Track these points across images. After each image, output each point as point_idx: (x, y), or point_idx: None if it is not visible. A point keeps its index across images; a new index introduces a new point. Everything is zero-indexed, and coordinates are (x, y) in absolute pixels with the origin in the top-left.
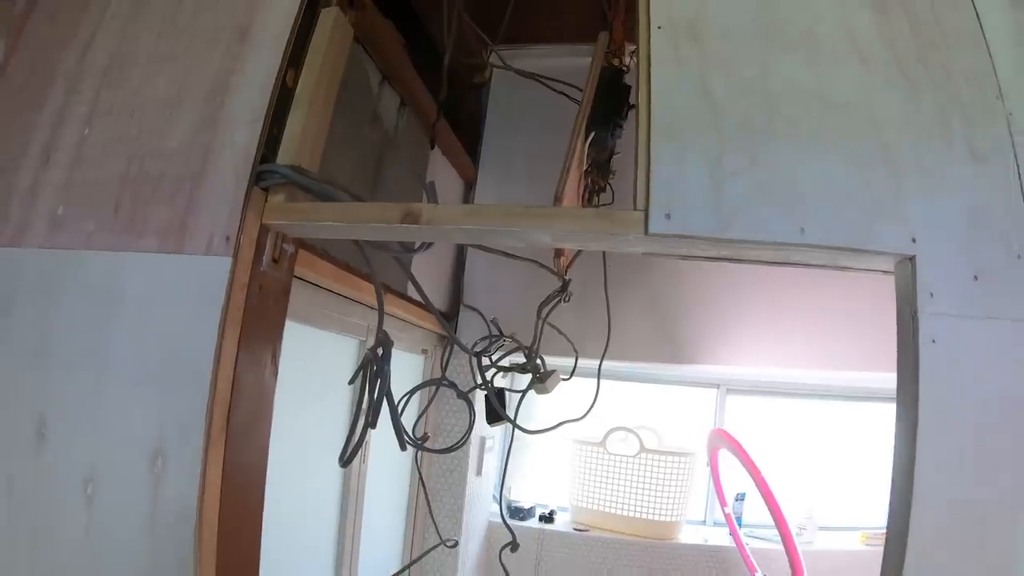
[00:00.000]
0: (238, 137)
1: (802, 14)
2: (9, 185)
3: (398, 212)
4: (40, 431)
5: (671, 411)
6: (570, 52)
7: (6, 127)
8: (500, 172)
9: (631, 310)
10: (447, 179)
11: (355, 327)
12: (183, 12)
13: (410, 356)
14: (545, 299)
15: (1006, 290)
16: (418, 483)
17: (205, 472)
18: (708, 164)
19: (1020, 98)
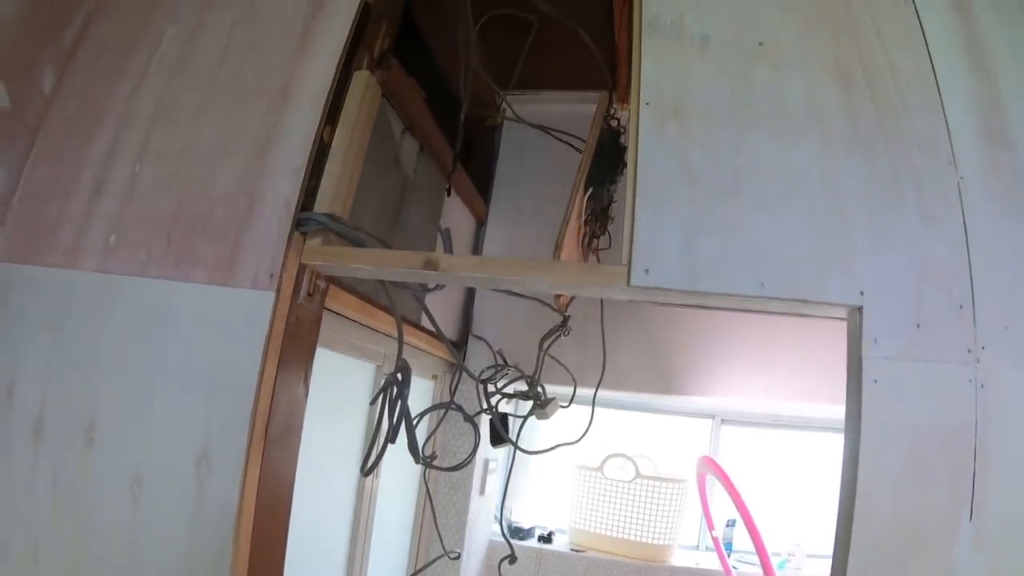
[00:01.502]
0: (281, 187)
1: (774, 90)
2: (61, 210)
3: (420, 260)
4: (89, 434)
5: (668, 440)
6: (578, 99)
7: (56, 154)
8: (510, 211)
9: (626, 343)
10: (460, 217)
11: (373, 353)
12: (227, 68)
13: (421, 381)
14: (547, 333)
15: (946, 336)
16: (425, 498)
17: (245, 475)
18: (682, 226)
19: (972, 163)
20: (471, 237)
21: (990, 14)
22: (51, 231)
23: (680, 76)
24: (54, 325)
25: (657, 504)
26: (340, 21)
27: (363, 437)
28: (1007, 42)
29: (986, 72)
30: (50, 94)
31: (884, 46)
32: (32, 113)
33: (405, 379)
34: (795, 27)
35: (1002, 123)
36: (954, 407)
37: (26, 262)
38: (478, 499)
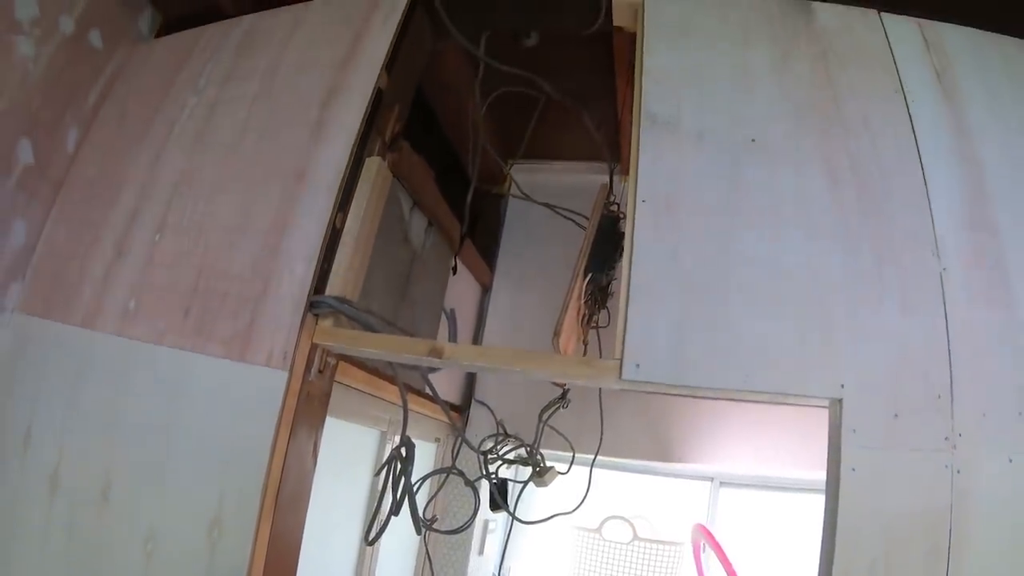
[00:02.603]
0: (296, 270)
1: (764, 187)
2: (82, 270)
3: (426, 348)
4: (104, 491)
5: (666, 501)
6: (585, 169)
7: (78, 215)
8: (515, 279)
9: (624, 412)
10: (465, 284)
11: (378, 420)
12: (245, 146)
13: (424, 444)
14: (546, 405)
15: (924, 425)
16: (425, 558)
17: (256, 540)
18: (672, 323)
19: (956, 253)
20: (476, 304)
21: (981, 101)
22: (73, 290)
23: (675, 173)
24: (73, 382)
25: (655, 566)
26: (354, 106)
27: (367, 500)
28: (997, 129)
29: (973, 160)
30: (73, 153)
31: (872, 137)
32: (55, 170)
33: (409, 455)
34: (786, 121)
35: (987, 212)
36: (930, 493)
37: (47, 317)
38: (477, 559)
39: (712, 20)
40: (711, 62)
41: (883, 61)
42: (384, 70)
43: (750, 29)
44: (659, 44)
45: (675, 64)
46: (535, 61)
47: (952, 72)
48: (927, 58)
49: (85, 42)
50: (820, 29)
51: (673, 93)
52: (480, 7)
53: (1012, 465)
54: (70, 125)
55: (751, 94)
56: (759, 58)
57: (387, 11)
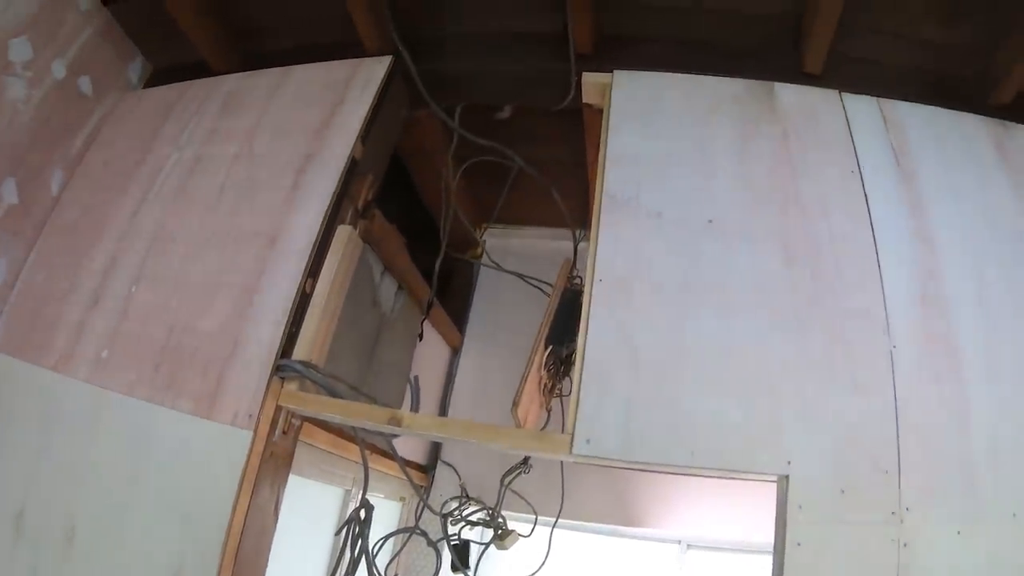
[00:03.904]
0: (263, 334)
1: (719, 268)
2: (58, 315)
3: (385, 416)
4: (69, 536)
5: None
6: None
7: (58, 259)
8: (484, 342)
9: (586, 476)
10: (434, 347)
11: (342, 479)
12: (223, 206)
13: (389, 503)
14: (508, 470)
15: (871, 500)
16: None
17: None
18: (623, 401)
19: (906, 331)
20: (445, 367)
21: (937, 178)
22: (48, 333)
23: (633, 252)
24: (43, 425)
25: None
26: (328, 174)
27: (329, 558)
28: (952, 208)
29: (927, 239)
30: (57, 196)
31: (828, 216)
32: (39, 211)
33: (367, 518)
34: (744, 203)
35: (938, 290)
36: (875, 566)
37: (20, 356)
38: None
39: (677, 101)
40: (673, 143)
41: (842, 141)
42: (359, 140)
43: (713, 110)
44: (623, 125)
45: (638, 145)
46: (509, 131)
47: (910, 150)
48: (886, 136)
49: (75, 88)
50: (782, 109)
51: (634, 174)
52: (456, 80)
53: (960, 538)
54: (55, 168)
55: (711, 175)
56: (721, 139)
57: (365, 80)
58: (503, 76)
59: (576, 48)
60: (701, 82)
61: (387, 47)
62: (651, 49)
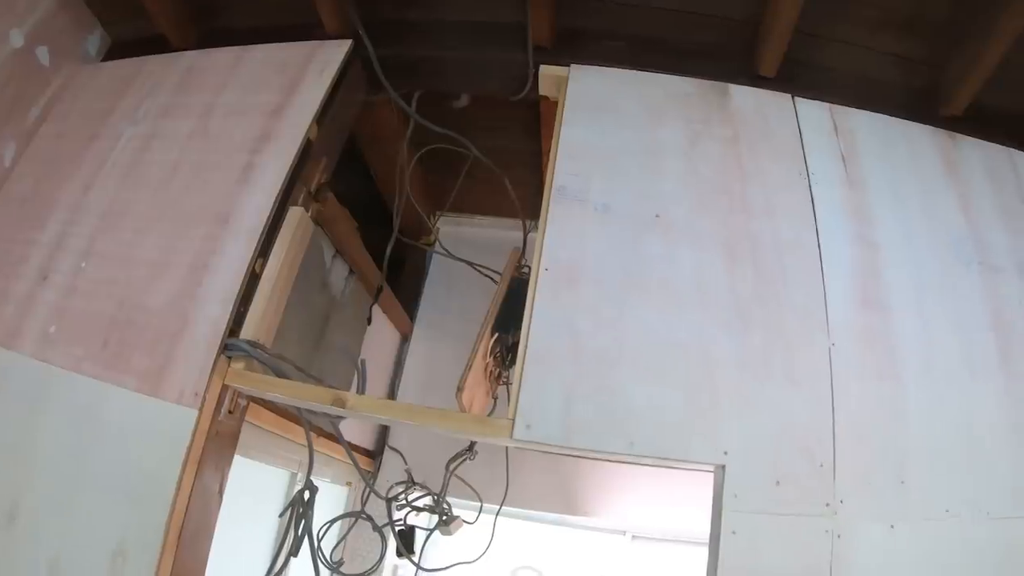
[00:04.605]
0: (212, 312)
1: (663, 263)
2: (5, 289)
3: (330, 397)
4: (11, 514)
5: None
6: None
7: (9, 231)
8: (434, 330)
9: (531, 464)
10: (384, 333)
11: (288, 461)
12: (175, 183)
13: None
14: (454, 456)
15: (806, 492)
16: None
17: (158, 573)
18: (564, 389)
19: (846, 330)
20: (395, 353)
21: (883, 185)
22: None
23: (579, 244)
24: None
25: None
26: (282, 155)
27: (275, 540)
28: (896, 213)
29: (870, 242)
30: (9, 167)
31: (773, 218)
32: None
33: (310, 500)
34: (691, 200)
35: (879, 292)
36: (809, 557)
37: None
38: None
39: (631, 98)
40: (625, 139)
41: (791, 144)
42: (315, 122)
43: (666, 108)
44: (577, 118)
45: (589, 139)
46: (465, 121)
47: (858, 157)
48: (835, 142)
49: (33, 58)
50: (734, 110)
51: (585, 166)
52: (414, 67)
53: (894, 531)
54: (9, 139)
55: (660, 172)
56: (672, 137)
57: (324, 63)
58: (462, 65)
59: (534, 40)
60: (656, 80)
61: (347, 30)
62: (609, 45)
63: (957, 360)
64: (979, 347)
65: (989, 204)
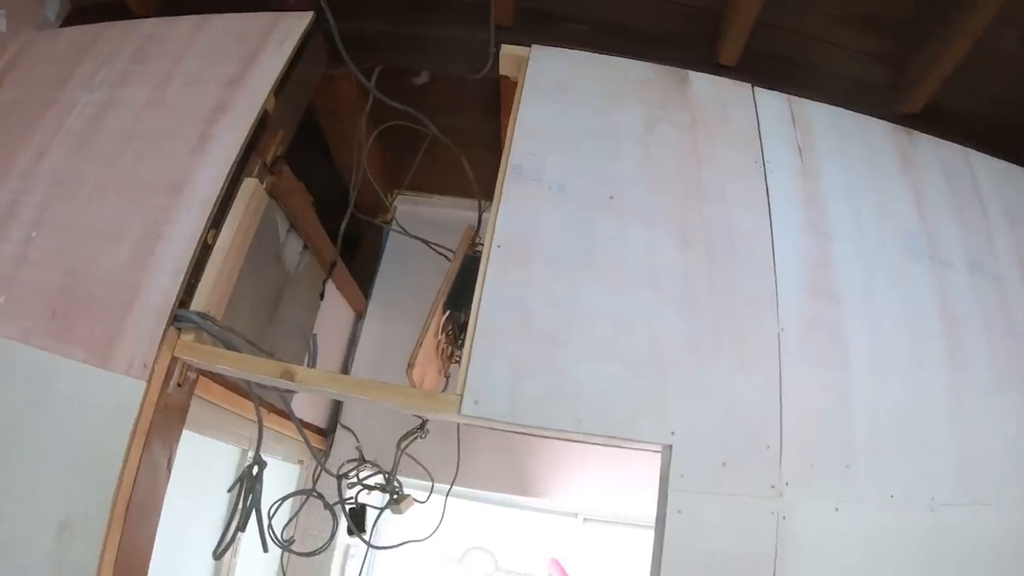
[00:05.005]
0: (163, 282)
1: (616, 244)
2: None
3: (278, 370)
4: None
5: (531, 535)
6: (467, 206)
7: None
8: (389, 308)
9: (483, 444)
10: (338, 310)
11: (240, 438)
12: (130, 152)
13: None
14: (405, 433)
15: (752, 474)
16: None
17: (105, 547)
18: (512, 365)
19: (795, 317)
20: (349, 331)
21: (837, 176)
22: None
23: (533, 221)
24: None
25: None
26: (238, 127)
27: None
28: (849, 205)
29: (823, 232)
30: None
31: (727, 204)
32: None
33: (259, 475)
34: (646, 183)
35: (830, 281)
36: (754, 537)
37: None
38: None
39: (590, 80)
40: (582, 120)
41: (749, 133)
42: (273, 93)
43: (625, 92)
44: (535, 98)
45: (547, 119)
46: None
47: (815, 148)
48: (793, 133)
49: None
50: (694, 97)
51: (542, 146)
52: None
53: (838, 514)
54: None
55: (616, 154)
56: (630, 121)
57: (284, 34)
58: (423, 41)
59: (496, 20)
60: (617, 64)
61: (308, 2)
62: (572, 27)
63: (905, 351)
64: (927, 339)
65: (943, 201)
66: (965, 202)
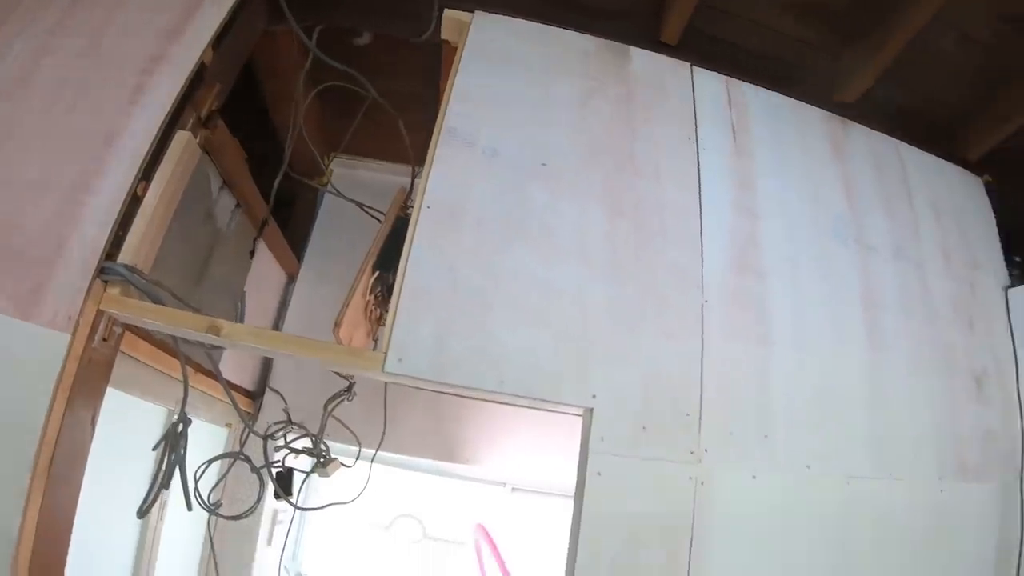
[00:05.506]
0: (90, 233)
1: (546, 211)
2: None
3: (204, 324)
4: None
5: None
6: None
7: None
8: (321, 271)
9: (410, 410)
10: (270, 272)
11: (166, 398)
12: (62, 102)
13: (215, 428)
14: (332, 396)
15: (671, 439)
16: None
17: (27, 506)
18: (437, 324)
19: (720, 290)
20: (280, 293)
21: (769, 159)
22: None
23: (464, 184)
24: None
25: (443, 565)
26: (174, 78)
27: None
28: (779, 187)
29: (752, 212)
30: None
31: (658, 179)
32: None
33: (183, 431)
34: (579, 153)
35: (756, 258)
36: (673, 501)
37: None
38: (264, 549)
39: (530, 49)
40: (520, 88)
41: (685, 111)
42: (211, 46)
43: (565, 63)
44: (474, 63)
45: (485, 84)
46: (367, 61)
47: (749, 130)
48: (727, 113)
49: None
50: (632, 73)
51: (477, 111)
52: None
53: (755, 482)
54: None
55: (552, 123)
56: (567, 91)
57: None
58: (366, 1)
59: None
60: (558, 35)
61: None
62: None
63: (827, 329)
64: (849, 320)
65: (872, 190)
66: (893, 192)
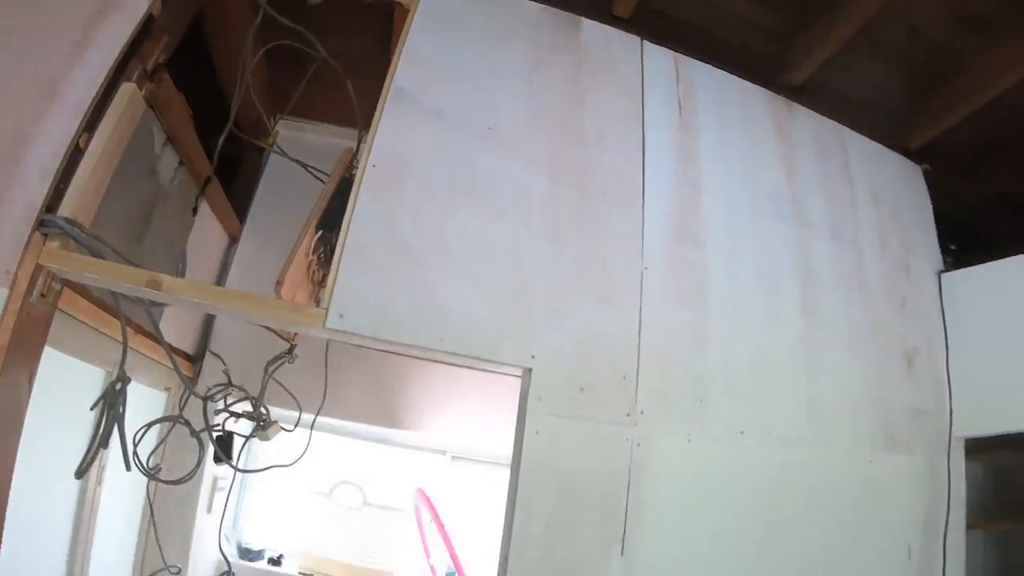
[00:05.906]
0: (30, 185)
1: (491, 175)
2: None
3: (144, 279)
4: None
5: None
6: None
7: None
8: (264, 234)
9: (351, 375)
10: (212, 235)
11: (105, 360)
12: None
13: (154, 392)
14: (273, 358)
15: (608, 401)
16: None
17: None
18: (379, 281)
19: (659, 257)
20: (222, 254)
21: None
22: None
23: (410, 144)
24: None
25: (384, 531)
26: (120, 29)
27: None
28: (721, 162)
29: (694, 185)
30: None
31: (603, 147)
32: None
33: (122, 389)
34: (525, 119)
35: (695, 229)
36: (609, 461)
37: None
38: (205, 516)
39: (481, 14)
40: (469, 52)
41: (632, 84)
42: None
43: (516, 30)
44: (425, 25)
45: (435, 48)
46: (318, 21)
47: (696, 106)
48: (675, 89)
49: None
50: (582, 43)
51: (426, 73)
52: None
53: (691, 445)
54: None
55: (500, 89)
56: (516, 58)
57: None
58: None
59: None
60: (510, 2)
61: None
62: None
63: (762, 300)
64: (785, 292)
65: (813, 171)
66: (834, 175)
